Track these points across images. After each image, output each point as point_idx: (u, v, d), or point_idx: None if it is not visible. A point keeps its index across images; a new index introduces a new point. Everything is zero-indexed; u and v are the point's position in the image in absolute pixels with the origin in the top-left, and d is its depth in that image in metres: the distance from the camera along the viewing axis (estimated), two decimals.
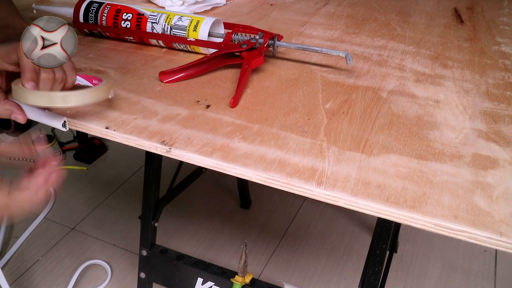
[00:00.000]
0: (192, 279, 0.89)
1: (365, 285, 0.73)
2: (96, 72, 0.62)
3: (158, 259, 0.92)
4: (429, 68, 0.65)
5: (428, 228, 0.39)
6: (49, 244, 1.32)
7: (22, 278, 1.21)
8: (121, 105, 0.54)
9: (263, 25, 0.79)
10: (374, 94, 0.58)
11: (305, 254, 1.30)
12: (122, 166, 1.65)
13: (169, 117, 0.51)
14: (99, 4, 0.69)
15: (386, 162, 0.45)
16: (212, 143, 0.47)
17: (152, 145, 0.47)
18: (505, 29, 0.81)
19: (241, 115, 0.52)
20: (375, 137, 0.49)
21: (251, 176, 0.44)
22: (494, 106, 0.56)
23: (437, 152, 0.47)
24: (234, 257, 1.28)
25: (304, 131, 0.49)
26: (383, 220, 0.69)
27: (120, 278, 1.22)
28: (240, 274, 0.80)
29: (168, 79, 0.59)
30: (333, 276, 1.23)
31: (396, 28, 0.80)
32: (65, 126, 0.51)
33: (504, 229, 0.37)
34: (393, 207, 0.39)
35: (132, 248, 1.31)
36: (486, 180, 0.43)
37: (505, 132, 0.51)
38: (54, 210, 1.44)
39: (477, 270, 1.26)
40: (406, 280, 1.23)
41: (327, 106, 0.54)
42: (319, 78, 0.62)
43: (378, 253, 0.71)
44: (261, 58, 0.60)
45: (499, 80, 0.62)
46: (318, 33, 0.77)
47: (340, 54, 0.62)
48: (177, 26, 0.65)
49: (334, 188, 0.41)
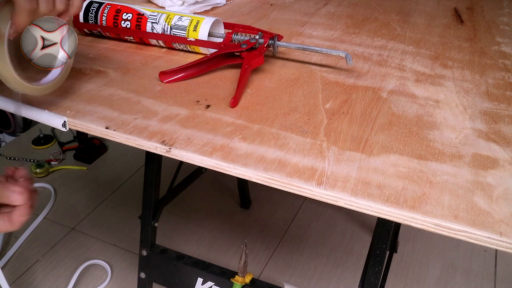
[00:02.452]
0: (192, 279, 0.89)
1: (365, 285, 0.73)
2: (96, 72, 0.62)
3: (158, 259, 0.92)
4: (429, 68, 0.65)
5: (428, 228, 0.39)
6: (49, 244, 1.32)
7: (22, 278, 1.21)
8: (121, 105, 0.54)
9: (263, 25, 0.79)
10: (374, 94, 0.58)
11: (305, 254, 1.30)
12: (122, 166, 1.65)
13: (169, 117, 0.51)
14: (99, 4, 0.69)
15: (386, 162, 0.45)
16: (212, 143, 0.47)
17: (152, 145, 0.47)
18: (505, 29, 0.81)
19: (241, 115, 0.52)
20: (375, 137, 0.49)
21: (251, 176, 0.44)
22: (494, 106, 0.56)
23: (437, 152, 0.47)
24: (234, 257, 1.28)
25: (304, 131, 0.49)
26: (383, 220, 0.69)
27: (120, 278, 1.22)
28: (240, 274, 0.80)
29: (168, 79, 0.59)
30: (333, 276, 1.23)
31: (396, 28, 0.80)
32: (65, 126, 0.51)
33: (504, 229, 0.37)
34: (393, 207, 0.39)
35: (132, 248, 1.31)
36: (486, 180, 0.43)
37: (505, 132, 0.51)
38: (54, 210, 1.44)
39: (477, 270, 1.26)
40: (406, 280, 1.23)
41: (327, 106, 0.54)
42: (319, 78, 0.62)
43: (378, 253, 0.71)
44: (261, 58, 0.60)
45: (499, 80, 0.62)
46: (318, 33, 0.77)
47: (340, 54, 0.62)
48: (177, 26, 0.65)
49: (334, 188, 0.41)
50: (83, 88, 0.58)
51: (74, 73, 0.61)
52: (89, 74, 0.61)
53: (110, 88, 0.58)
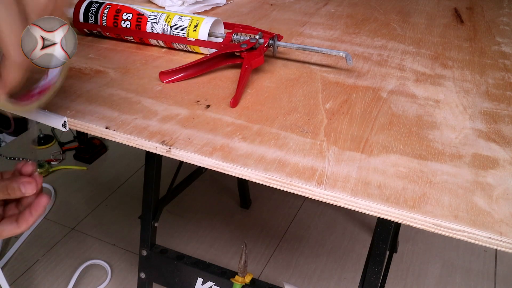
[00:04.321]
0: (192, 279, 0.89)
1: (365, 285, 0.73)
2: (96, 72, 0.62)
3: (158, 259, 0.92)
4: (429, 68, 0.65)
5: (428, 228, 0.39)
6: (49, 244, 1.32)
7: (22, 278, 1.21)
8: (121, 105, 0.54)
9: (263, 25, 0.79)
10: (374, 94, 0.58)
11: (305, 254, 1.30)
12: (122, 166, 1.65)
13: (169, 117, 0.51)
14: (99, 4, 0.69)
15: (386, 162, 0.45)
16: (212, 143, 0.47)
17: (152, 145, 0.47)
18: (505, 29, 0.81)
19: (241, 115, 0.52)
20: (375, 137, 0.49)
21: (251, 176, 0.44)
22: (494, 106, 0.56)
23: (437, 152, 0.47)
24: (234, 257, 1.28)
25: (304, 131, 0.49)
26: (383, 220, 0.69)
27: (120, 278, 1.22)
28: (240, 274, 0.80)
29: (168, 79, 0.59)
30: (333, 276, 1.23)
31: (396, 28, 0.80)
32: (65, 126, 0.51)
33: (504, 229, 0.37)
34: (393, 207, 0.39)
35: (132, 248, 1.31)
36: (486, 180, 0.43)
37: (505, 132, 0.51)
38: (54, 210, 1.44)
39: (477, 270, 1.26)
40: (406, 280, 1.23)
41: (327, 106, 0.54)
42: (319, 78, 0.62)
43: (378, 253, 0.71)
44: (261, 58, 0.60)
45: (499, 80, 0.62)
46: (318, 33, 0.77)
47: (340, 54, 0.62)
48: (177, 26, 0.65)
49: (334, 188, 0.41)
50: (83, 88, 0.58)
51: (74, 73, 0.61)
52: (89, 74, 0.61)
53: (110, 88, 0.58)
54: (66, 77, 0.53)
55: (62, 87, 0.57)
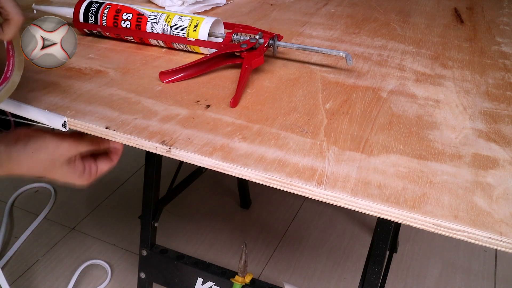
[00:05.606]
0: (192, 279, 0.89)
1: (365, 285, 0.73)
2: (96, 72, 0.62)
3: (158, 259, 0.92)
4: (429, 68, 0.65)
5: (428, 228, 0.39)
6: (49, 244, 1.32)
7: (22, 278, 1.21)
8: (121, 105, 0.54)
9: (263, 25, 0.79)
10: (374, 94, 0.58)
11: (305, 254, 1.30)
12: (122, 166, 1.65)
13: (169, 117, 0.51)
14: (99, 4, 0.69)
15: (386, 162, 0.45)
16: (212, 143, 0.47)
17: (152, 145, 0.47)
18: (505, 29, 0.81)
19: (241, 115, 0.52)
20: (375, 137, 0.49)
21: (251, 176, 0.44)
22: (494, 106, 0.56)
23: (437, 152, 0.47)
24: (234, 257, 1.28)
25: (304, 131, 0.49)
26: (383, 220, 0.69)
27: (120, 278, 1.22)
28: (240, 274, 0.80)
29: (168, 79, 0.59)
30: (333, 276, 1.23)
31: (396, 28, 0.80)
32: (65, 126, 0.51)
33: (504, 229, 0.37)
34: (393, 207, 0.39)
35: (132, 248, 1.31)
36: (486, 180, 0.43)
37: (505, 132, 0.51)
38: (54, 210, 1.44)
39: (477, 270, 1.26)
40: (406, 280, 1.23)
41: (327, 106, 0.54)
42: (319, 78, 0.62)
43: (378, 253, 0.71)
44: (261, 58, 0.60)
45: (499, 80, 0.62)
46: (318, 33, 0.77)
47: (340, 54, 0.62)
48: (177, 26, 0.65)
49: (334, 188, 0.41)
50: (83, 88, 0.58)
51: (74, 73, 0.61)
52: (89, 74, 0.61)
53: (110, 88, 0.58)
54: (23, 72, 0.49)
55: (62, 87, 0.57)
